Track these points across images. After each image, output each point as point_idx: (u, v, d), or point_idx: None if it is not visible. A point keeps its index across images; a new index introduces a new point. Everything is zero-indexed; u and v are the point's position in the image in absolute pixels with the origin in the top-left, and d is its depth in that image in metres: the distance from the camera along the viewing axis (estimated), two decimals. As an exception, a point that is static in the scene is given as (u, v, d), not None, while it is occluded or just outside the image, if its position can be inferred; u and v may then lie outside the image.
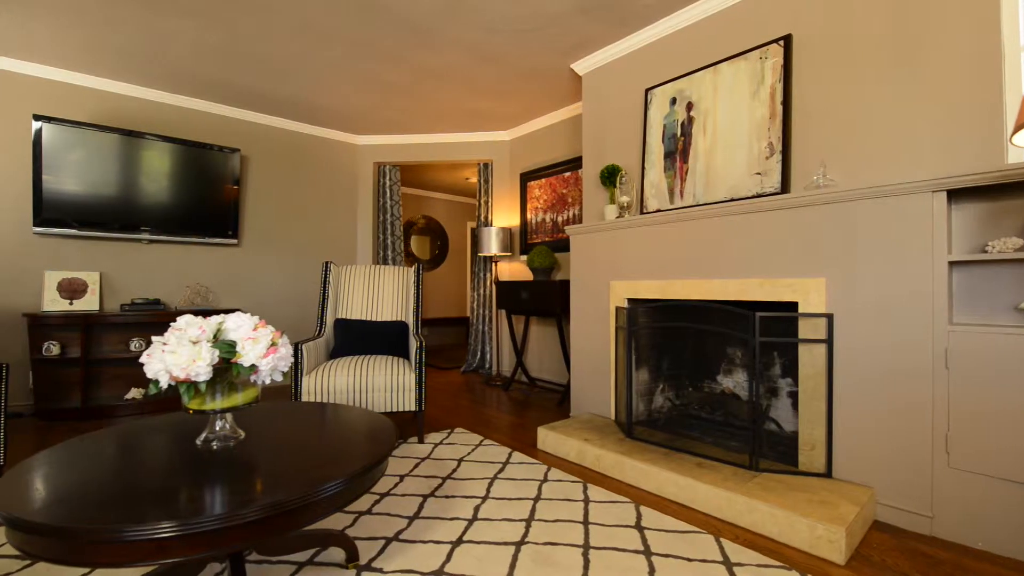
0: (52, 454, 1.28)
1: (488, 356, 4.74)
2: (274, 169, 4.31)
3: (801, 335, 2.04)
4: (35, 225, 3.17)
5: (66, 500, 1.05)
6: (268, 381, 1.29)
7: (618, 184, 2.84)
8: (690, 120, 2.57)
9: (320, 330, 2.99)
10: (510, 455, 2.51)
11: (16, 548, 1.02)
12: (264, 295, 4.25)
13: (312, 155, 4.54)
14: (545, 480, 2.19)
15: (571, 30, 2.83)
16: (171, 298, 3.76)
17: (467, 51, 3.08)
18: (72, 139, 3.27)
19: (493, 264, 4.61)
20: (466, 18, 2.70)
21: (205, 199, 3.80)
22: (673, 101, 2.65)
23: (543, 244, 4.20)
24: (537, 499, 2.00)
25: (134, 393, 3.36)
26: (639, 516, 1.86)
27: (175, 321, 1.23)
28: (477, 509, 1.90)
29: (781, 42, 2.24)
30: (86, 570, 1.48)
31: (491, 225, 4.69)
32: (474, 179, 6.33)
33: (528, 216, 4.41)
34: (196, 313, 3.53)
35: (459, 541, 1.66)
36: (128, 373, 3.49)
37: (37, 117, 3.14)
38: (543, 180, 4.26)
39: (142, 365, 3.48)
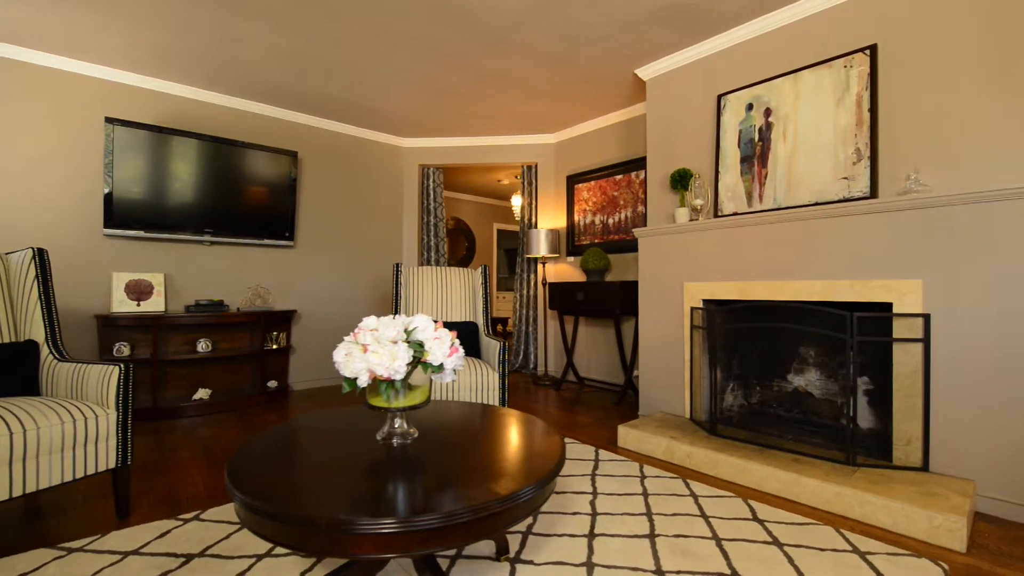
0: (253, 448, 1.32)
1: (532, 356, 4.80)
2: (326, 171, 4.35)
3: (896, 334, 2.12)
4: (105, 227, 3.19)
5: (298, 492, 1.10)
6: (448, 381, 1.34)
7: (691, 187, 2.91)
8: (768, 126, 2.64)
9: (395, 331, 3.03)
10: (597, 452, 2.56)
11: (256, 534, 1.07)
12: (317, 296, 4.28)
13: (360, 157, 4.58)
14: (644, 476, 2.26)
15: (643, 36, 2.90)
16: (230, 299, 3.78)
17: (534, 56, 3.14)
18: (140, 141, 3.29)
19: (540, 265, 4.67)
20: (544, 24, 2.76)
21: (264, 201, 3.83)
22: (749, 107, 2.72)
23: (595, 246, 4.26)
24: (645, 494, 2.06)
25: (201, 394, 3.38)
26: (752, 510, 1.92)
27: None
28: (593, 504, 1.96)
29: (867, 51, 2.32)
30: (250, 562, 1.52)
31: (536, 227, 4.75)
32: (506, 181, 6.39)
33: (576, 218, 4.48)
34: (257, 314, 3.57)
35: (591, 534, 1.72)
36: (192, 374, 3.51)
37: (109, 120, 3.16)
38: (592, 183, 4.32)
39: (204, 365, 3.50)
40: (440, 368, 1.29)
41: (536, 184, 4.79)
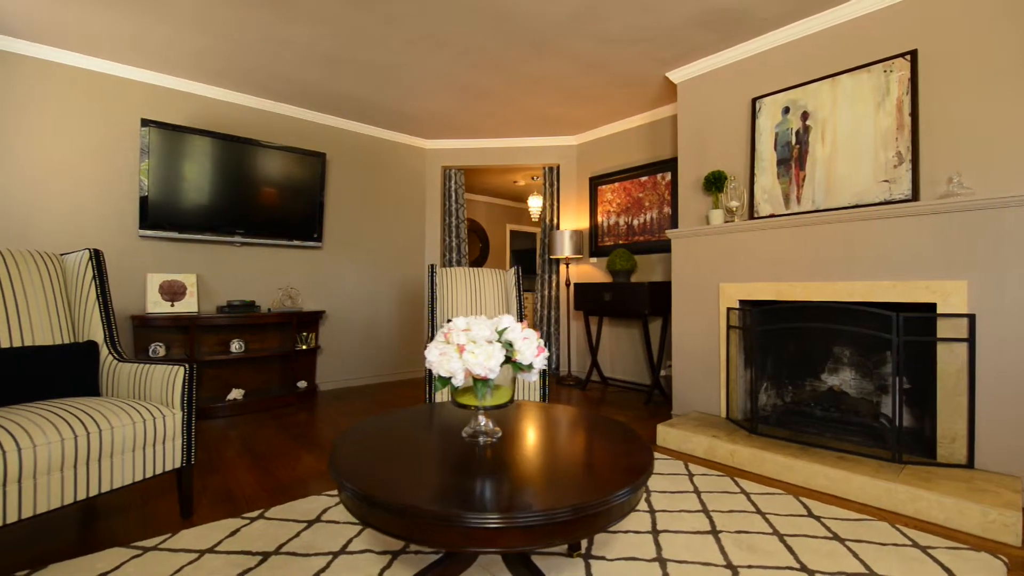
0: (346, 445, 1.35)
1: (555, 356, 4.83)
2: (352, 173, 4.37)
3: (940, 334, 2.16)
4: (141, 228, 3.20)
5: (402, 485, 1.13)
6: (533, 380, 1.37)
7: (726, 189, 2.95)
8: (806, 129, 2.68)
9: (432, 333, 3.05)
10: (639, 451, 2.60)
11: (363, 523, 1.10)
12: (344, 297, 4.30)
13: (385, 159, 4.60)
14: (691, 475, 2.29)
15: (680, 40, 2.93)
16: (260, 300, 3.79)
17: (572, 60, 3.17)
18: (174, 143, 3.30)
19: (563, 266, 4.70)
20: (588, 28, 2.79)
21: (294, 202, 3.85)
22: (786, 110, 2.76)
23: (620, 247, 4.29)
24: (697, 492, 2.09)
25: (235, 394, 3.40)
26: (806, 506, 1.96)
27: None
28: (648, 502, 1.99)
29: (907, 56, 2.37)
30: (325, 565, 1.54)
31: (558, 228, 4.79)
32: (522, 183, 6.42)
33: (599, 219, 4.51)
34: (288, 315, 3.58)
35: (655, 531, 1.75)
36: (225, 374, 3.53)
37: (144, 121, 3.17)
38: (616, 184, 4.36)
39: (237, 365, 3.51)
40: (530, 367, 1.32)
41: (558, 185, 4.83)
